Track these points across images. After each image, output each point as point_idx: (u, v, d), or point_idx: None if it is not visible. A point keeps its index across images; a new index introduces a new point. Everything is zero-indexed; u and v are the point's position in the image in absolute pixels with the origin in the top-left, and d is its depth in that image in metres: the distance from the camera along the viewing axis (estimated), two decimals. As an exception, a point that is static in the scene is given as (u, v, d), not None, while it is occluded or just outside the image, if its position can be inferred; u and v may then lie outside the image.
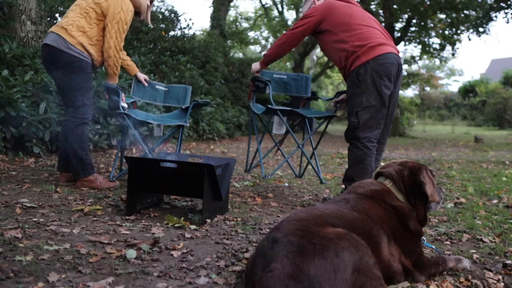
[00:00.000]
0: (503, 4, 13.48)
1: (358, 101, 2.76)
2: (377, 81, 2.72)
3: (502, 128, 22.47)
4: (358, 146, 2.78)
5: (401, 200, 1.74)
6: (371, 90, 2.73)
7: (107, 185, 3.13)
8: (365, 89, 2.73)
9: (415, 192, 1.76)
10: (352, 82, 2.79)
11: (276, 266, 1.23)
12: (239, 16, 26.68)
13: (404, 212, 1.69)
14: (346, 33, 2.81)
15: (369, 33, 2.79)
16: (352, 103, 2.80)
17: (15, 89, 4.01)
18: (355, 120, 2.76)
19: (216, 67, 10.04)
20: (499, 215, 2.95)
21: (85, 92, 3.02)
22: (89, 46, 3.00)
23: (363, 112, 2.74)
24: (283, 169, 5.15)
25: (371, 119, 2.75)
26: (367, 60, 2.72)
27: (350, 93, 2.83)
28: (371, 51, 2.73)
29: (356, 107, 2.76)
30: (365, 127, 2.75)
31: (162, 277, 1.59)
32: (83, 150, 3.05)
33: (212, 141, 8.80)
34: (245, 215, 2.68)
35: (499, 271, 1.84)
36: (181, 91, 3.84)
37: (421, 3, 13.64)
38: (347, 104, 2.90)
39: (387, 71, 2.73)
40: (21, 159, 4.17)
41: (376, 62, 2.71)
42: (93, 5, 2.98)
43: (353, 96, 2.80)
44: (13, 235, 1.92)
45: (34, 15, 5.04)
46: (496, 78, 30.91)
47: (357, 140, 2.78)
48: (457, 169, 5.66)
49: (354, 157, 2.81)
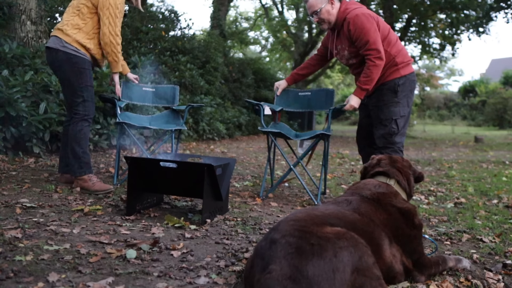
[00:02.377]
0: (503, 4, 13.47)
1: (396, 110, 2.92)
2: (409, 95, 2.98)
3: (502, 128, 22.46)
4: (396, 150, 2.94)
5: (405, 198, 1.75)
6: (405, 102, 2.95)
7: (100, 187, 3.01)
8: (402, 99, 2.93)
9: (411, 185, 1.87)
10: (391, 91, 2.93)
11: (275, 268, 1.23)
12: (239, 16, 26.69)
13: (410, 212, 1.68)
14: (389, 46, 2.92)
15: (405, 49, 3.04)
16: (390, 111, 2.93)
17: (15, 89, 4.01)
18: (395, 127, 2.93)
19: (216, 67, 10.04)
20: (499, 215, 2.96)
21: (84, 88, 3.01)
22: (87, 41, 3.00)
23: (401, 120, 2.93)
24: (283, 169, 5.15)
25: (404, 127, 2.98)
26: (405, 74, 2.93)
27: (388, 101, 2.94)
28: (409, 67, 2.97)
29: (395, 115, 2.92)
30: (401, 134, 2.97)
31: (162, 277, 1.59)
32: (81, 147, 3.02)
33: (212, 141, 8.80)
34: (245, 215, 2.68)
35: (499, 271, 1.84)
36: (169, 91, 3.84)
37: (421, 3, 13.64)
38: (383, 111, 2.95)
39: (414, 87, 3.03)
40: (21, 159, 4.17)
41: (411, 77, 2.98)
42: (83, 1, 3.00)
43: (391, 104, 2.93)
44: (13, 235, 1.92)
45: (34, 15, 5.04)
46: (496, 78, 30.90)
47: (394, 145, 2.95)
48: (457, 169, 5.66)
49: None
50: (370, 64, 2.83)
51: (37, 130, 4.22)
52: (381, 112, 2.96)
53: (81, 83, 3.00)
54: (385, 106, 2.94)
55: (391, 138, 2.94)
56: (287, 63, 26.22)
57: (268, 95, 13.36)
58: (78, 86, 2.99)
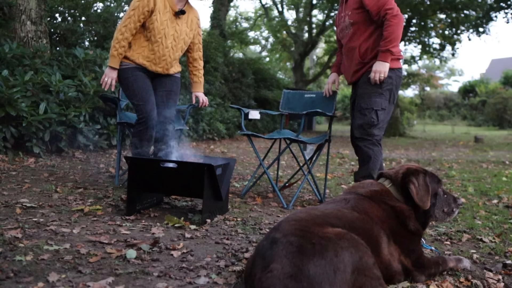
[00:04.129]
0: (503, 4, 13.47)
1: (378, 100, 2.83)
2: (394, 91, 2.88)
3: (502, 128, 22.46)
4: (373, 142, 2.84)
5: (400, 200, 1.73)
6: (388, 95, 2.86)
7: None
8: (385, 92, 2.84)
9: (410, 194, 1.72)
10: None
11: (276, 267, 1.24)
12: (239, 16, 26.69)
13: (404, 213, 1.68)
14: None
15: (399, 43, 2.93)
16: (371, 100, 2.83)
17: (15, 89, 4.01)
18: (374, 117, 2.82)
19: (216, 67, 10.04)
20: (499, 215, 2.96)
21: (132, 94, 2.97)
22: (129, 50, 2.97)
23: (381, 112, 2.84)
24: (283, 169, 5.15)
25: (384, 122, 2.88)
26: (394, 67, 2.84)
27: (371, 90, 2.84)
28: (398, 62, 2.89)
29: (376, 105, 2.83)
30: (380, 128, 2.86)
31: (162, 277, 1.59)
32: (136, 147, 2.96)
33: (212, 141, 8.80)
34: (245, 215, 2.68)
35: (499, 271, 1.84)
36: None
37: (421, 3, 13.64)
38: (364, 99, 2.85)
39: (399, 84, 2.94)
40: (21, 159, 4.17)
41: (399, 73, 2.89)
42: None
43: (373, 94, 2.83)
44: (13, 235, 1.92)
45: (34, 15, 5.04)
46: (496, 78, 30.90)
47: (371, 137, 2.84)
48: (457, 169, 5.66)
49: (370, 153, 2.83)
50: (388, 25, 2.74)
51: (37, 130, 4.22)
52: (362, 100, 2.87)
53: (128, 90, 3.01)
54: (367, 95, 2.85)
55: (370, 129, 2.83)
56: (287, 63, 26.23)
57: (268, 95, 13.36)
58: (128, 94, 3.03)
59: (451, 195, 1.84)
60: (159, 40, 2.92)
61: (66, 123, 4.61)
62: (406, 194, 1.72)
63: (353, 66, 2.97)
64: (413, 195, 1.68)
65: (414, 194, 1.68)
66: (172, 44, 2.98)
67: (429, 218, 1.77)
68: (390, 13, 2.75)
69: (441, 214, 1.79)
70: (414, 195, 1.68)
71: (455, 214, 1.83)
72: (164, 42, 2.94)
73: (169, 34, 2.93)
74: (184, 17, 3.01)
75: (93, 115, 5.05)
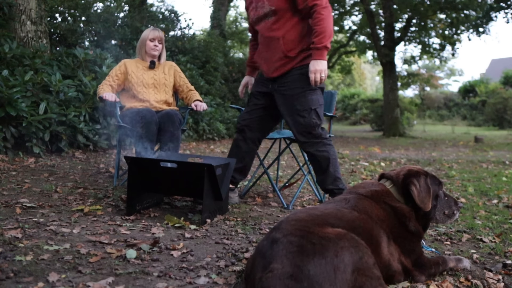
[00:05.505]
0: (503, 4, 13.48)
1: (315, 98, 2.66)
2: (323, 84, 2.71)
3: (502, 128, 22.46)
4: (324, 143, 2.70)
5: (401, 201, 1.73)
6: (320, 90, 2.73)
7: None
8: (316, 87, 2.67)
9: (411, 195, 1.71)
10: (306, 77, 2.64)
11: (276, 266, 1.23)
12: (239, 16, 26.67)
13: (403, 213, 1.68)
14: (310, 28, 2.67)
15: None
16: (307, 100, 2.64)
17: (15, 89, 4.01)
18: (315, 118, 2.66)
19: (216, 67, 10.04)
20: (499, 215, 2.96)
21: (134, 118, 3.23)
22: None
23: (319, 109, 2.69)
24: (283, 169, 5.15)
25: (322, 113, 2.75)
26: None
27: (304, 88, 2.64)
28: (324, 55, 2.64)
29: (314, 104, 2.66)
30: (322, 122, 2.72)
31: (162, 277, 1.59)
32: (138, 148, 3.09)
33: (212, 141, 8.80)
34: (245, 215, 2.68)
35: (499, 271, 1.84)
36: None
37: (421, 3, 13.65)
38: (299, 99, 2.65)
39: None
40: (21, 159, 4.17)
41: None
42: None
43: (308, 93, 2.64)
44: (13, 235, 1.92)
45: (34, 15, 5.04)
46: (496, 78, 30.89)
47: (319, 139, 2.70)
48: (457, 169, 5.66)
49: (325, 154, 2.70)
50: (319, 18, 2.52)
51: (37, 130, 4.22)
52: (297, 101, 2.64)
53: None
54: (301, 94, 2.63)
55: (315, 131, 2.66)
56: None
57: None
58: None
59: (452, 198, 1.84)
60: (140, 90, 3.33)
61: (66, 123, 4.61)
62: (407, 195, 1.72)
63: (276, 59, 2.71)
64: (414, 197, 1.68)
65: (415, 195, 1.68)
66: (154, 91, 3.39)
67: (429, 220, 1.77)
68: (320, 5, 2.53)
69: (442, 216, 1.79)
70: (415, 197, 1.68)
71: (456, 216, 1.83)
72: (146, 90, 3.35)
73: (149, 83, 3.37)
74: (160, 67, 3.47)
75: (93, 115, 5.05)
